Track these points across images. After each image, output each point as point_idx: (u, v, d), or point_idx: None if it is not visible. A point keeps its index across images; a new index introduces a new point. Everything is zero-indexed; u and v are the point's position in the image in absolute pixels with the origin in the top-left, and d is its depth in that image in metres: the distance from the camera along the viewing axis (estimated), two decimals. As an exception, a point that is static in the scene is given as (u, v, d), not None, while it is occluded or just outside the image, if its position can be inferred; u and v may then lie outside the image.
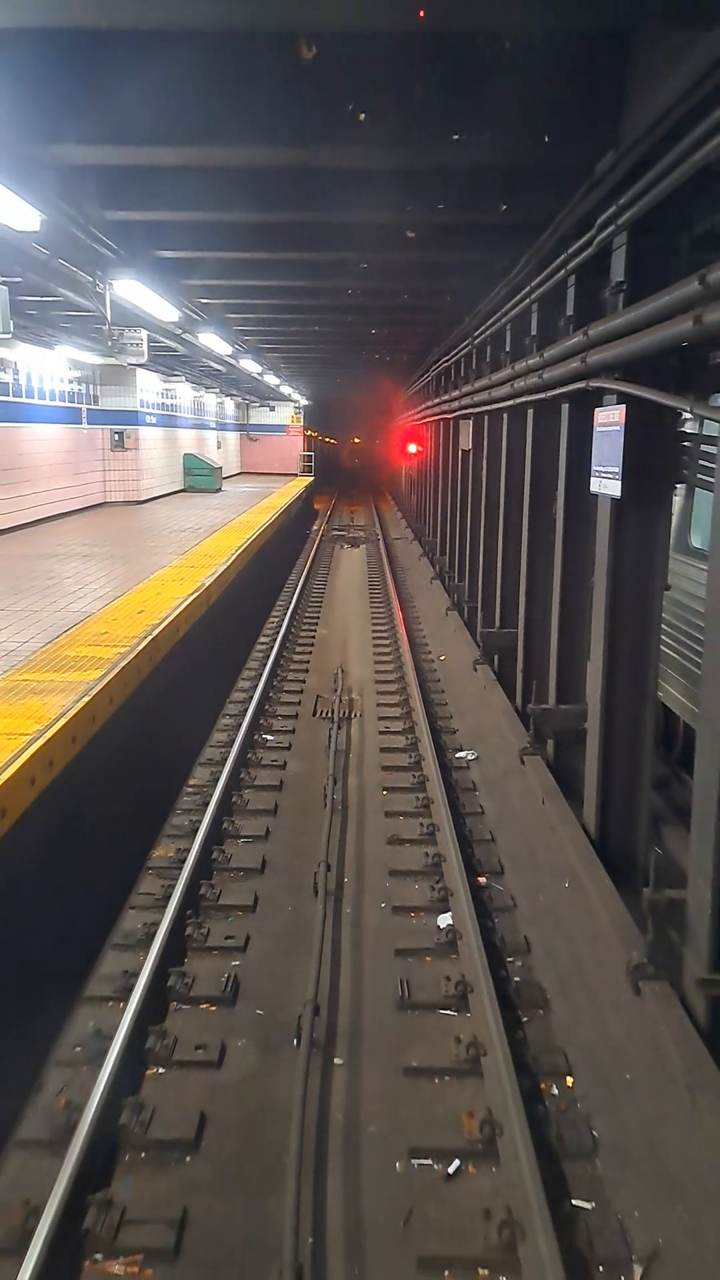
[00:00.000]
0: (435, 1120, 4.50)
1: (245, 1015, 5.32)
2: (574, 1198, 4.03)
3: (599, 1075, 4.69)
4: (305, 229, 8.97)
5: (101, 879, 6.47)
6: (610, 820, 6.31)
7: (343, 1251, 3.79)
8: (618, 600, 6.15)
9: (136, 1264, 3.74)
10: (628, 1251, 3.76)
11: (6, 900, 5.08)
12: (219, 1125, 4.46)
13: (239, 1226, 3.90)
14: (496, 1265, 3.72)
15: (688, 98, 4.45)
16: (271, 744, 9.77)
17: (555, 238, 7.20)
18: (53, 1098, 4.58)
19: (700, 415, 4.57)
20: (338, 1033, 5.16)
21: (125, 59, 5.35)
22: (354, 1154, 4.32)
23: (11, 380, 16.56)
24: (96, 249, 8.34)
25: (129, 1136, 4.34)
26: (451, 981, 5.52)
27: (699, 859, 4.50)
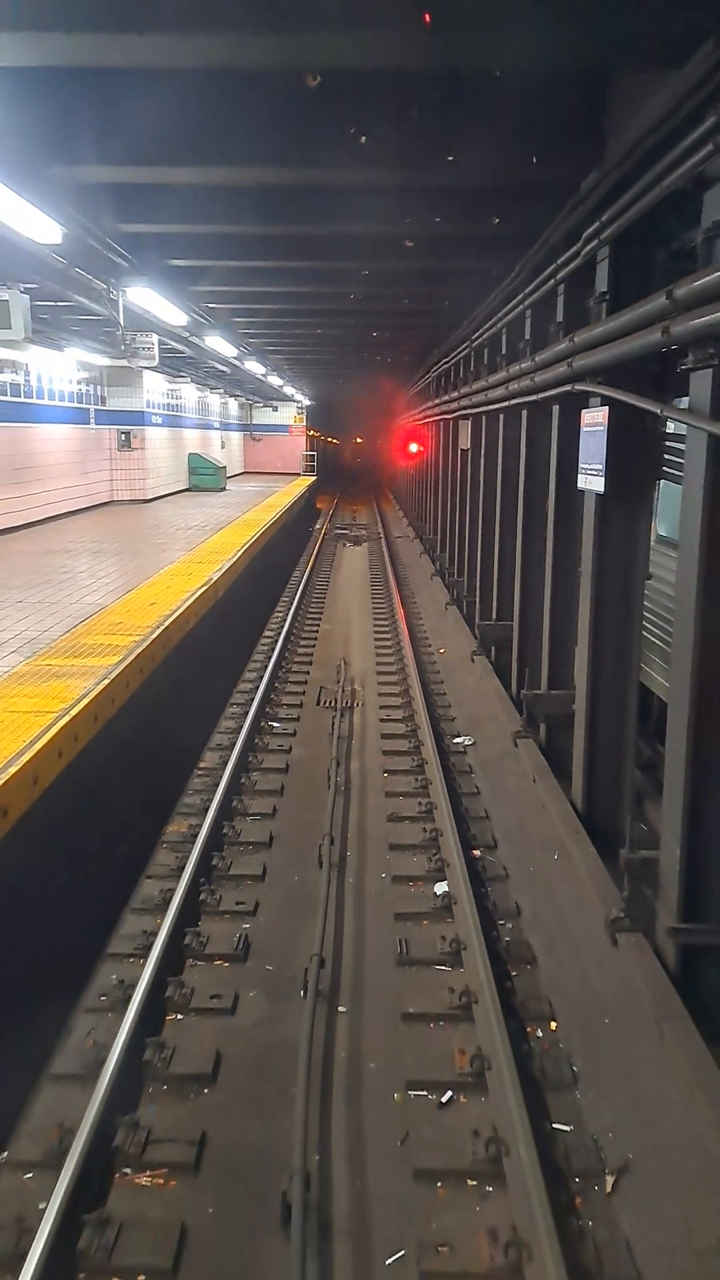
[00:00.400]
0: (430, 1058, 4.94)
1: (256, 970, 5.76)
2: (554, 1121, 4.48)
3: (580, 1019, 5.14)
4: (308, 240, 9.42)
5: (119, 849, 6.92)
6: (596, 796, 6.74)
7: (346, 1165, 4.24)
8: (602, 590, 6.59)
9: (162, 1176, 4.19)
10: (601, 1165, 4.20)
11: (35, 865, 5.52)
12: (233, 1062, 4.91)
13: (253, 1146, 4.35)
14: (484, 1176, 4.16)
15: (659, 128, 4.90)
16: (277, 730, 10.21)
17: (546, 249, 7.64)
18: (81, 1039, 5.03)
19: (668, 417, 4.99)
20: (341, 984, 5.61)
21: (142, 89, 5.81)
22: (356, 1086, 4.76)
23: (23, 382, 17.00)
24: (111, 258, 8.80)
25: (152, 1071, 4.79)
26: (446, 940, 5.97)
27: (669, 821, 4.95)
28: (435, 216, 8.06)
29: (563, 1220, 3.81)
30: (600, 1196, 4.06)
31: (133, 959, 5.73)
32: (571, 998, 5.34)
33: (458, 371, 15.55)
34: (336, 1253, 3.80)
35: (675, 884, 4.82)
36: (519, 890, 6.72)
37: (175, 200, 7.79)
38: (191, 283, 11.18)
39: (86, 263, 8.96)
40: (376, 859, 7.25)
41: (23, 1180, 4.14)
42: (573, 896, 6.02)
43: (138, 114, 5.93)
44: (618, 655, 6.63)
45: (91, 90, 5.78)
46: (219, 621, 11.77)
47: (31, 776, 5.27)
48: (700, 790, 4.74)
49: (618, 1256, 3.74)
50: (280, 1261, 3.69)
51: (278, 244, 9.54)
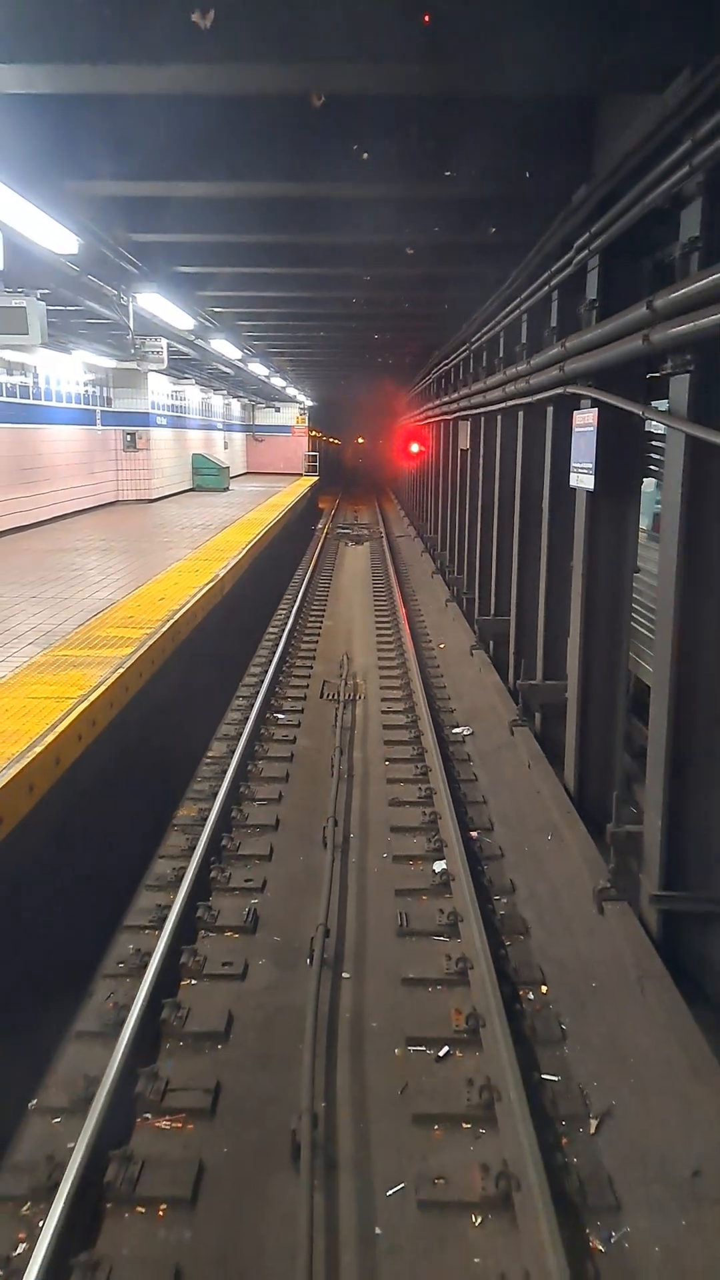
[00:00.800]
0: (428, 1018, 5.29)
1: (264, 941, 6.10)
2: (543, 1073, 4.82)
3: (569, 983, 5.48)
4: (312, 247, 9.78)
5: (133, 830, 7.26)
6: (587, 779, 7.09)
7: (350, 1110, 4.58)
8: (593, 583, 6.94)
9: (180, 1121, 4.53)
10: (586, 1110, 4.54)
11: (56, 840, 5.85)
12: (244, 1022, 5.25)
13: (264, 1094, 4.69)
14: (478, 1120, 4.50)
15: (642, 147, 5.24)
16: (282, 722, 10.55)
17: (540, 256, 7.98)
18: (101, 1001, 5.37)
19: (649, 419, 5.33)
20: (345, 953, 5.95)
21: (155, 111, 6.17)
22: (359, 1042, 5.11)
23: (31, 384, 17.35)
24: (122, 266, 9.17)
25: (169, 1029, 5.13)
26: (444, 914, 6.31)
27: (652, 796, 5.30)
28: (434, 226, 8.42)
29: (549, 1157, 4.15)
30: (585, 1137, 4.40)
31: (148, 930, 6.07)
32: (562, 964, 5.68)
33: (457, 373, 15.90)
34: (341, 1184, 4.14)
35: (657, 855, 5.16)
36: (514, 869, 7.06)
37: (184, 211, 8.14)
38: (198, 288, 11.54)
39: (98, 270, 9.31)
40: (378, 840, 7.58)
41: (51, 1124, 4.48)
42: (564, 873, 6.35)
43: (150, 133, 6.29)
44: (608, 646, 6.97)
45: (108, 111, 6.14)
46: (225, 617, 12.11)
47: (54, 757, 5.61)
48: (680, 767, 5.08)
49: (600, 1187, 4.08)
50: (289, 1192, 4.02)
51: (282, 251, 9.89)
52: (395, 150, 6.49)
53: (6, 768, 5.12)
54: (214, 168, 6.61)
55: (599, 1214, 3.97)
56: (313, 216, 8.24)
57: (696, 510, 4.90)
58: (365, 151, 6.48)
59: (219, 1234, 3.90)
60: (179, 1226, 3.93)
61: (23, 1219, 3.94)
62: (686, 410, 4.82)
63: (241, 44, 4.47)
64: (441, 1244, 3.85)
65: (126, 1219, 3.96)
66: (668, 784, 5.14)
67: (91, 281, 9.56)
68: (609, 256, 6.50)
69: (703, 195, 4.70)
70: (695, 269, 4.73)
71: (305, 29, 4.41)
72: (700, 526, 4.91)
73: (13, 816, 4.98)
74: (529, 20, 4.39)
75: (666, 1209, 3.84)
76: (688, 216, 4.89)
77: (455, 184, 6.74)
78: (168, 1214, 3.99)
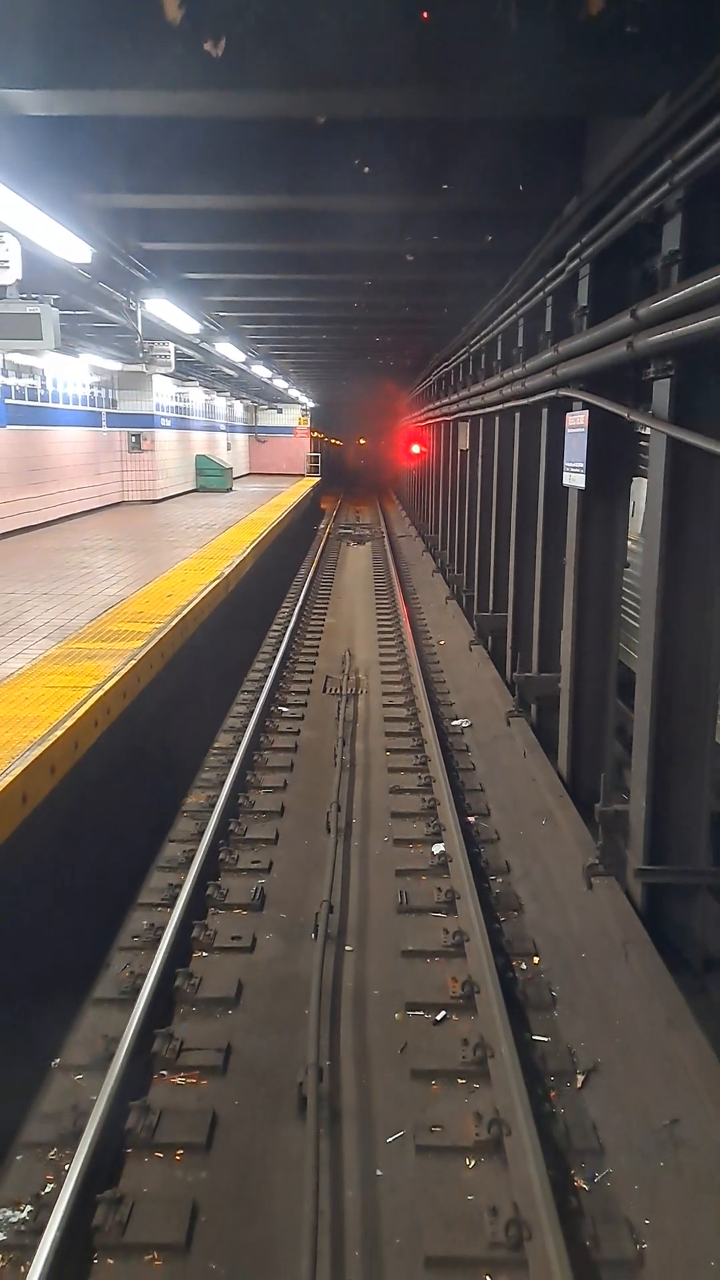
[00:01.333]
0: (427, 986, 5.61)
1: (271, 917, 6.42)
2: (534, 1034, 5.14)
3: (560, 953, 5.79)
4: (315, 255, 10.10)
5: (145, 814, 7.58)
6: (580, 765, 7.40)
7: (353, 1067, 4.91)
8: (584, 578, 7.25)
9: (194, 1076, 4.85)
10: (574, 1066, 4.86)
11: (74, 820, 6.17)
12: (253, 990, 5.58)
13: (273, 1054, 5.01)
14: (472, 1075, 4.83)
15: (627, 164, 5.55)
16: (286, 715, 10.87)
17: (535, 263, 8.30)
18: (118, 971, 5.70)
19: (634, 421, 5.65)
20: (348, 928, 6.27)
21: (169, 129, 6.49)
22: (361, 1008, 5.43)
23: (39, 386, 17.68)
24: (132, 273, 9.49)
25: (183, 995, 5.45)
26: (442, 892, 6.63)
27: (637, 776, 5.61)
28: (433, 234, 8.73)
29: (539, 1108, 4.47)
30: (572, 1091, 4.72)
31: (161, 908, 6.39)
32: (553, 937, 6.00)
33: (457, 375, 16.21)
34: (345, 1132, 4.46)
35: (642, 831, 5.48)
36: (509, 851, 7.37)
37: (194, 221, 8.46)
38: (204, 294, 11.86)
39: (109, 277, 9.63)
40: (379, 825, 7.90)
41: (74, 1080, 4.80)
42: (558, 854, 6.67)
43: (162, 149, 6.61)
44: (599, 638, 7.27)
45: (123, 130, 6.45)
46: (230, 614, 12.43)
47: (73, 741, 5.93)
48: (663, 749, 5.40)
49: (585, 1133, 4.40)
50: (297, 1139, 4.35)
51: (286, 259, 10.21)
52: (394, 165, 6.80)
53: (30, 749, 5.44)
54: (222, 181, 6.92)
55: (584, 1156, 4.29)
56: (315, 226, 8.55)
57: (678, 507, 5.22)
58: (366, 166, 6.79)
59: (232, 1175, 4.22)
60: (195, 1168, 4.25)
61: (50, 1162, 4.26)
62: (668, 413, 5.14)
63: (251, 71, 4.77)
64: (438, 1183, 4.17)
65: (146, 1162, 4.29)
66: (651, 765, 5.45)
67: (102, 288, 9.88)
68: (599, 265, 6.82)
69: (682, 211, 5.02)
70: (675, 280, 5.05)
71: (311, 58, 4.71)
72: (681, 523, 5.23)
73: (36, 795, 5.30)
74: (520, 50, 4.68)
75: (646, 1152, 4.16)
76: (669, 230, 5.20)
77: (452, 196, 7.05)
78: (184, 1158, 4.31)
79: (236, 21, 4.68)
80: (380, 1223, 3.98)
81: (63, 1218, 3.74)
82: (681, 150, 4.71)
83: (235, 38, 4.70)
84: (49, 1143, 4.35)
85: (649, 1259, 3.74)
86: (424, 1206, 4.04)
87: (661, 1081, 4.39)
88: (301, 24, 4.65)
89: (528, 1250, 3.74)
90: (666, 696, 5.40)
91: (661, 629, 5.35)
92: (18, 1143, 4.35)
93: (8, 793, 4.93)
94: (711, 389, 5.09)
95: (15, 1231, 3.88)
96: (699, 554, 5.26)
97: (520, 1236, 3.78)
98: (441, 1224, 3.92)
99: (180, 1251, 3.82)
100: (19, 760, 5.27)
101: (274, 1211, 4.02)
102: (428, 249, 9.66)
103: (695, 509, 5.21)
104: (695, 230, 4.99)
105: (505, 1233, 3.81)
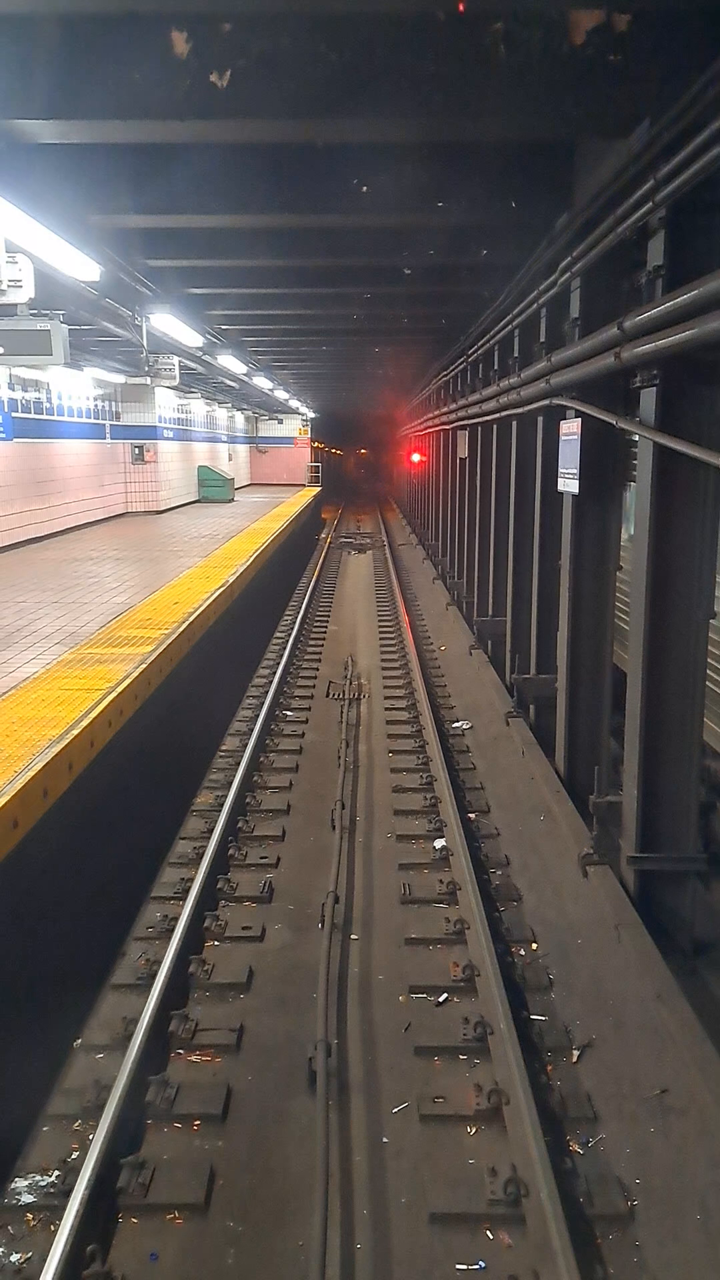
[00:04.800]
0: (429, 971, 5.86)
1: (280, 909, 6.67)
2: (532, 1014, 5.38)
3: (557, 940, 6.04)
4: (314, 270, 10.40)
5: (156, 812, 7.82)
6: (576, 762, 7.63)
7: (360, 1044, 5.16)
8: (579, 582, 7.50)
9: (209, 1055, 5.09)
10: (569, 1042, 5.11)
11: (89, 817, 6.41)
12: (263, 975, 5.82)
13: (283, 1033, 5.26)
14: (472, 1052, 5.07)
15: (612, 183, 5.83)
16: (291, 719, 11.12)
17: (529, 276, 8.59)
18: (134, 959, 5.94)
19: (622, 428, 5.91)
20: (353, 918, 6.53)
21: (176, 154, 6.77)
22: (367, 991, 5.68)
23: (45, 399, 17.98)
24: (137, 289, 9.79)
25: (197, 981, 5.70)
26: (444, 884, 6.88)
27: (629, 768, 5.86)
28: (429, 249, 9.01)
29: (535, 1080, 4.71)
30: (567, 1065, 4.96)
31: (174, 900, 6.64)
32: (551, 924, 6.24)
33: (455, 384, 16.49)
34: (353, 1103, 4.71)
35: (634, 821, 5.73)
36: (509, 846, 7.62)
37: (197, 239, 8.76)
38: (207, 308, 12.16)
39: (115, 293, 9.93)
40: (383, 822, 8.15)
41: (95, 1059, 5.04)
42: (555, 848, 6.91)
43: (168, 173, 6.88)
44: (593, 639, 7.52)
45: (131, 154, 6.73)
46: (235, 621, 12.70)
47: (89, 740, 6.18)
48: (652, 741, 5.65)
49: (579, 1102, 4.65)
50: (308, 1110, 4.59)
51: (287, 273, 10.50)
52: (391, 184, 7.07)
53: (49, 747, 5.69)
54: (225, 201, 7.20)
55: (578, 1124, 4.53)
56: (315, 242, 8.83)
57: (665, 511, 5.47)
58: (364, 185, 7.07)
59: (247, 1142, 4.47)
60: (212, 1137, 4.50)
61: (75, 1132, 4.50)
62: (655, 420, 5.40)
63: (253, 101, 5.06)
64: (441, 1148, 4.41)
65: (166, 1132, 4.54)
66: (642, 758, 5.70)
67: (109, 304, 10.17)
68: (588, 278, 7.08)
69: (665, 228, 5.29)
70: (659, 294, 5.31)
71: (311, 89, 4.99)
72: (669, 525, 5.49)
73: (55, 791, 5.55)
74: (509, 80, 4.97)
75: (638, 1118, 4.40)
76: (653, 246, 5.47)
77: (447, 213, 7.33)
78: (201, 1127, 4.56)
79: (240, 55, 4.97)
80: (387, 1184, 4.22)
81: (89, 1181, 3.99)
82: (663, 170, 4.97)
83: (239, 69, 4.99)
84: (73, 1115, 4.59)
85: (639, 1214, 3.98)
86: (427, 1169, 4.28)
87: (652, 1054, 4.63)
88: (302, 57, 4.94)
89: (525, 1207, 3.99)
90: (656, 692, 5.65)
91: (651, 628, 5.60)
92: (44, 1115, 4.59)
93: (30, 787, 5.17)
94: (696, 397, 5.35)
95: (45, 1194, 4.12)
96: (686, 555, 5.51)
97: (518, 1194, 4.02)
98: (444, 1184, 4.16)
99: (200, 1210, 4.06)
100: (39, 757, 5.52)
101: (287, 1175, 4.26)
102: (424, 263, 9.95)
103: (682, 512, 5.47)
104: (677, 246, 5.26)
105: (504, 1190, 4.05)
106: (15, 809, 4.96)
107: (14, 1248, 3.90)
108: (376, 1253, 3.88)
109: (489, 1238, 3.95)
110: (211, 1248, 3.92)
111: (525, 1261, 3.79)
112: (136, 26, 4.89)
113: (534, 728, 8.90)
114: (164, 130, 5.44)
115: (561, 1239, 3.62)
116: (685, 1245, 3.73)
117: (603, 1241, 3.91)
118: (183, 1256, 3.87)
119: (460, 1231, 3.96)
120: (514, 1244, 3.91)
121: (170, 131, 5.46)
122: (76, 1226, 3.77)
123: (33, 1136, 4.47)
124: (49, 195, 6.54)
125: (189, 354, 14.74)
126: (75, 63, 4.96)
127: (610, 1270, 3.78)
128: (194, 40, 4.93)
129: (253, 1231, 3.98)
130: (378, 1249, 3.90)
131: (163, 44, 4.91)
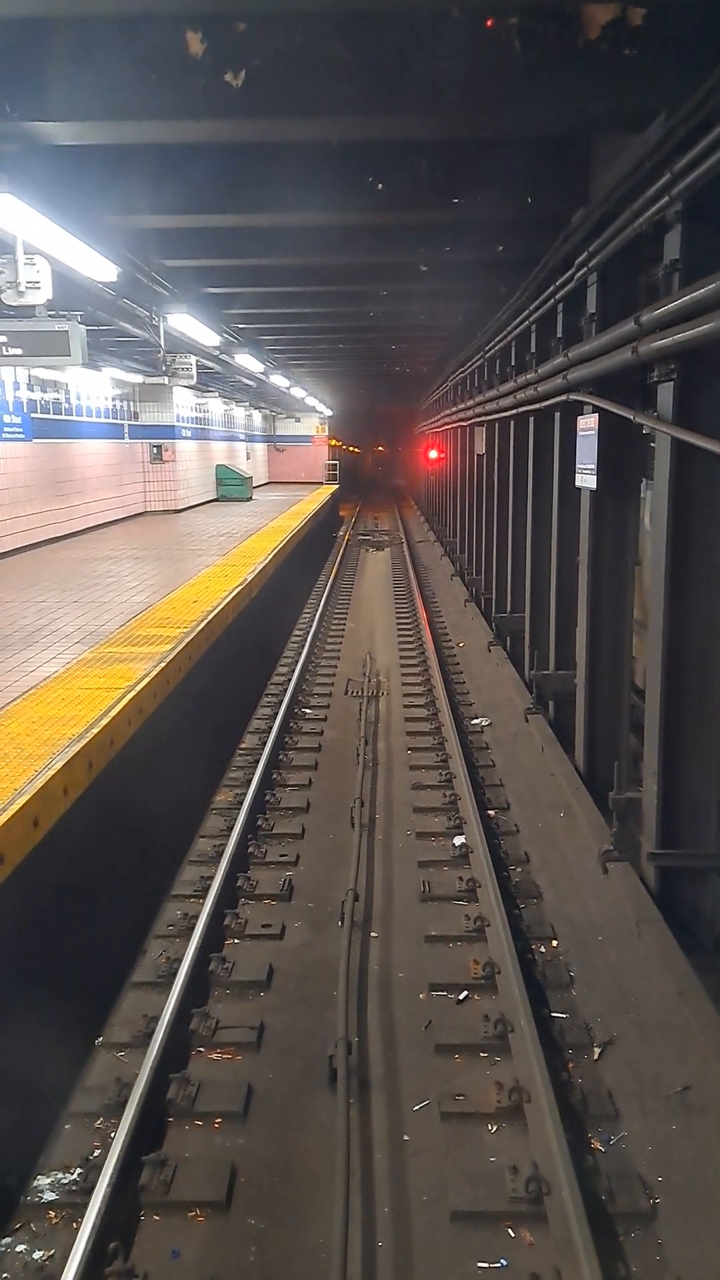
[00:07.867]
0: (449, 968, 5.86)
1: (299, 907, 6.68)
2: (553, 1011, 5.37)
3: (577, 937, 6.02)
4: (331, 267, 10.41)
5: (176, 810, 7.85)
6: (596, 759, 7.61)
7: (380, 1042, 5.16)
8: (597, 577, 7.48)
9: (230, 1053, 5.11)
10: (590, 1040, 5.09)
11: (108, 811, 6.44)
12: (284, 973, 5.84)
13: (304, 1032, 5.27)
14: (493, 1049, 5.07)
15: (629, 178, 5.81)
16: (310, 716, 11.14)
17: (545, 271, 8.56)
18: (155, 957, 5.97)
19: (640, 423, 5.89)
20: (373, 915, 6.53)
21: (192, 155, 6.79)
22: (387, 989, 5.68)
23: (64, 400, 18.05)
24: (155, 289, 9.81)
25: (217, 979, 5.72)
26: (463, 881, 6.87)
27: (649, 764, 5.84)
28: (445, 245, 9.00)
29: (556, 1077, 4.70)
30: (589, 1063, 4.95)
31: (194, 898, 6.66)
32: (571, 921, 6.23)
33: (473, 380, 16.45)
34: (374, 1101, 4.71)
35: (654, 817, 5.70)
36: (528, 843, 7.60)
37: (213, 239, 8.77)
38: (224, 307, 12.19)
39: (132, 293, 9.96)
40: (402, 819, 8.15)
41: (117, 1056, 5.07)
42: (575, 844, 6.89)
43: (185, 173, 6.90)
44: (612, 634, 7.50)
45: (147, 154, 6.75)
46: (253, 619, 12.72)
47: (109, 739, 6.21)
48: (672, 736, 5.62)
49: (600, 1100, 4.63)
50: (328, 1107, 4.60)
51: (303, 271, 10.51)
52: (407, 182, 7.07)
53: (69, 745, 5.72)
54: (241, 201, 7.21)
55: (600, 1121, 4.52)
56: (332, 239, 8.84)
57: (683, 505, 5.45)
58: (380, 183, 7.07)
59: (268, 1140, 4.48)
60: (233, 1134, 4.51)
61: (97, 1130, 4.53)
62: (672, 415, 5.37)
63: (268, 101, 5.07)
64: (462, 1146, 4.41)
65: (187, 1129, 4.55)
66: (662, 752, 5.68)
67: (126, 304, 10.20)
68: (605, 273, 7.06)
69: (681, 222, 5.27)
70: (676, 288, 5.29)
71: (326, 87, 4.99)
72: (686, 520, 5.46)
73: (75, 789, 5.58)
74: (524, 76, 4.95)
75: (659, 1116, 4.39)
76: (670, 240, 5.45)
77: (463, 209, 7.31)
78: (223, 1125, 4.57)
79: (255, 54, 4.97)
80: (408, 1181, 4.22)
81: (110, 1178, 4.01)
82: (679, 164, 4.95)
83: (253, 69, 5.00)
84: (95, 1113, 4.62)
85: (661, 1212, 3.97)
86: (449, 1166, 4.28)
87: (674, 1051, 4.62)
88: (317, 56, 4.94)
89: (546, 1204, 3.98)
90: (675, 687, 5.62)
91: (669, 622, 5.57)
92: (65, 1113, 4.62)
93: (50, 785, 5.20)
94: (713, 391, 5.32)
95: (67, 1192, 4.14)
96: (704, 550, 5.49)
97: (540, 1192, 4.01)
98: (465, 1182, 4.16)
99: (221, 1209, 4.08)
100: (60, 755, 5.55)
101: (308, 1173, 4.27)
102: (440, 259, 9.93)
103: (699, 506, 5.44)
104: (694, 240, 5.23)
105: (525, 1188, 4.04)
106: (36, 807, 4.99)
107: (36, 1245, 3.93)
108: (398, 1250, 3.89)
109: (510, 1236, 3.95)
110: (233, 1245, 3.93)
111: (547, 1260, 3.78)
112: (151, 27, 4.90)
113: (553, 724, 8.88)
114: (180, 130, 5.46)
115: (583, 1237, 3.61)
116: (708, 1243, 3.72)
117: (625, 1240, 3.90)
118: (204, 1254, 3.89)
119: (482, 1229, 3.96)
120: (535, 1242, 3.91)
121: (186, 131, 5.48)
122: (98, 1224, 3.79)
123: (55, 1134, 4.50)
124: (66, 197, 6.56)
125: (206, 353, 14.77)
126: (91, 64, 4.97)
127: (633, 1268, 3.77)
128: (209, 40, 4.94)
129: (274, 1229, 4.00)
130: (399, 1246, 3.91)
131: (178, 44, 4.92)
